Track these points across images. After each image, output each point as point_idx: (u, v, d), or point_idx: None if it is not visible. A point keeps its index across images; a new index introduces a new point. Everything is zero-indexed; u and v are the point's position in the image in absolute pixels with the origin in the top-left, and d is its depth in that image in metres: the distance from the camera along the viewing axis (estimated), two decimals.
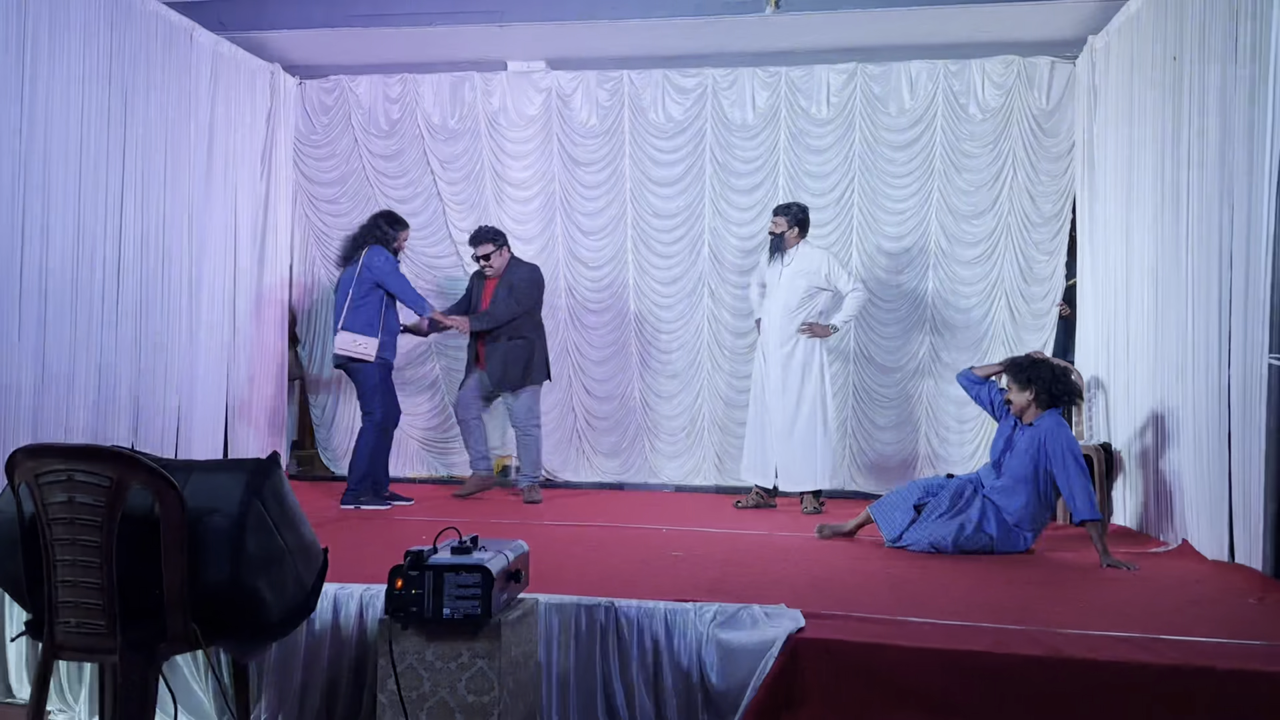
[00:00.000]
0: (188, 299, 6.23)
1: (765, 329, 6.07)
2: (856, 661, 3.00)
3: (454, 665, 2.75)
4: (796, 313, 5.95)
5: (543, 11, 6.72)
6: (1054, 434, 4.60)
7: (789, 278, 5.97)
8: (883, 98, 6.80)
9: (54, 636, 2.50)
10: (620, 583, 3.70)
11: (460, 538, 2.92)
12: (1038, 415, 4.71)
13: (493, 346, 6.16)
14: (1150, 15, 5.32)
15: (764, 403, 6.05)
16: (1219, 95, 4.44)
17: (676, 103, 7.02)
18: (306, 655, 3.34)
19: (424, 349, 7.27)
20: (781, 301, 5.97)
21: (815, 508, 5.89)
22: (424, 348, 7.26)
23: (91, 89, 5.37)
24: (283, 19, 6.91)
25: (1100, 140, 6.11)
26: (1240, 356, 4.22)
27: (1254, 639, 3.14)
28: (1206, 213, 4.55)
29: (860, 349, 6.86)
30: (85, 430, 5.29)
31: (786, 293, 5.96)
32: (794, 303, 5.95)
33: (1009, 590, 3.90)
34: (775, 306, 5.99)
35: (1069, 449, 4.55)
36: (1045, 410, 4.70)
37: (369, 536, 4.76)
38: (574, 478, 7.19)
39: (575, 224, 7.16)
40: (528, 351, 6.22)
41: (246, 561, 2.52)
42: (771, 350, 6.00)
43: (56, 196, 5.14)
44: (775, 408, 5.98)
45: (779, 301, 5.98)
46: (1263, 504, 4.05)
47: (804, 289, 5.95)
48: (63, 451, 2.47)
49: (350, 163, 7.34)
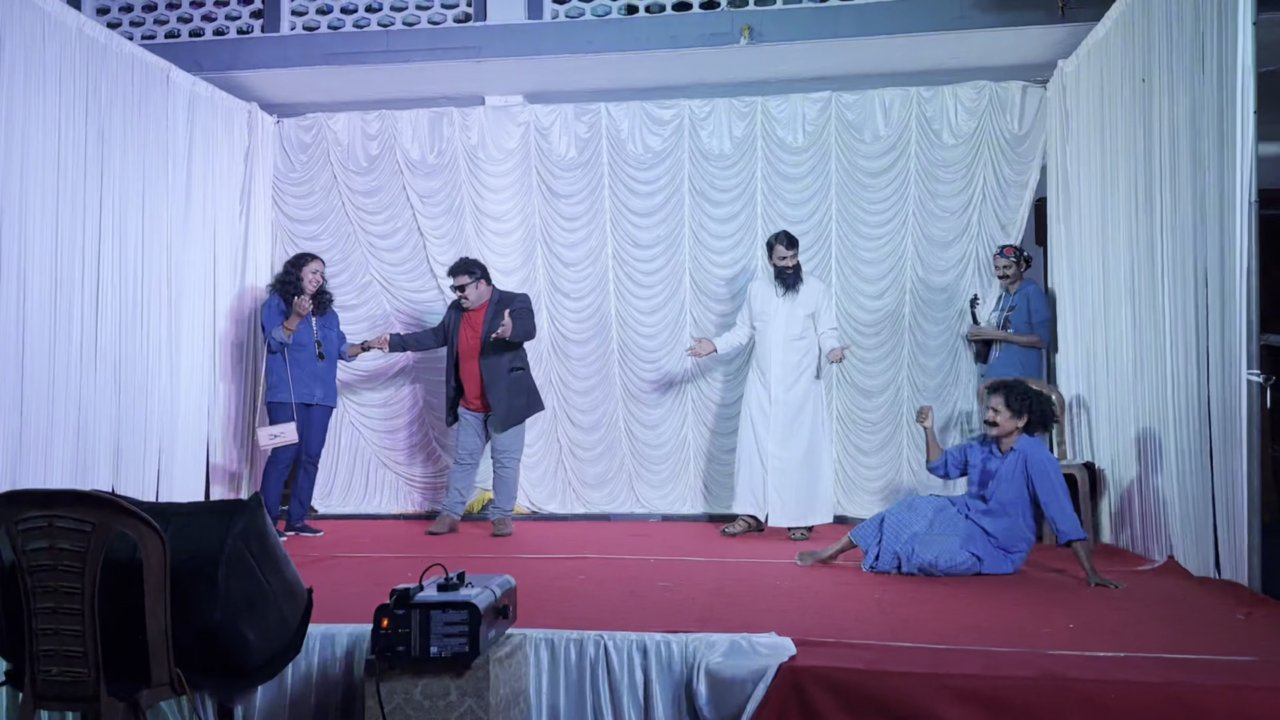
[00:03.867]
0: (167, 340, 6.19)
1: (766, 360, 6.00)
2: (848, 688, 2.99)
3: (442, 704, 2.72)
4: (797, 342, 5.98)
5: (520, 46, 6.78)
6: (1035, 455, 4.62)
7: (791, 308, 5.99)
8: (857, 125, 6.87)
9: (36, 685, 2.46)
10: (609, 615, 3.68)
11: (447, 574, 2.90)
12: (1016, 439, 4.73)
13: (494, 384, 6.06)
14: (1119, 39, 5.40)
15: (761, 433, 5.97)
16: (1189, 116, 4.51)
17: (654, 134, 7.07)
18: (293, 698, 3.30)
19: (408, 385, 7.25)
20: (785, 332, 5.97)
21: (804, 534, 5.89)
22: (408, 381, 7.24)
23: (68, 131, 5.36)
24: (259, 59, 6.95)
25: (1073, 162, 6.19)
26: (1219, 373, 4.26)
27: (1243, 655, 3.15)
28: (1181, 232, 4.60)
29: (842, 373, 6.88)
30: (65, 475, 5.22)
31: (789, 323, 5.98)
32: (796, 332, 5.98)
33: (998, 612, 3.90)
34: (778, 338, 5.97)
35: (1053, 469, 4.57)
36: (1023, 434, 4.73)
37: (354, 576, 4.72)
38: (560, 509, 7.16)
39: (556, 255, 7.17)
40: (528, 381, 6.25)
41: (230, 604, 2.49)
42: (774, 381, 5.96)
43: (33, 238, 5.11)
44: (777, 440, 5.94)
45: (782, 332, 5.97)
46: (1247, 519, 4.07)
47: (803, 318, 6.00)
48: (42, 498, 2.44)
49: (330, 199, 7.34)
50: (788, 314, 5.98)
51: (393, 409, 7.28)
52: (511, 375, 6.12)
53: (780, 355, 5.96)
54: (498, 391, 6.07)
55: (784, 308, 5.99)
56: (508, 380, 6.10)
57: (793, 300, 5.99)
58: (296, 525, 6.27)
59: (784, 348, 5.96)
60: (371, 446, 7.18)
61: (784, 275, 6.00)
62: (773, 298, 6.03)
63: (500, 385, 6.07)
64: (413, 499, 7.30)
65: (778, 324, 5.98)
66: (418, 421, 7.30)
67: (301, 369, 6.14)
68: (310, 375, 6.18)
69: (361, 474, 7.30)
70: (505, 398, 6.07)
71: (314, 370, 6.19)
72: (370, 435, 7.27)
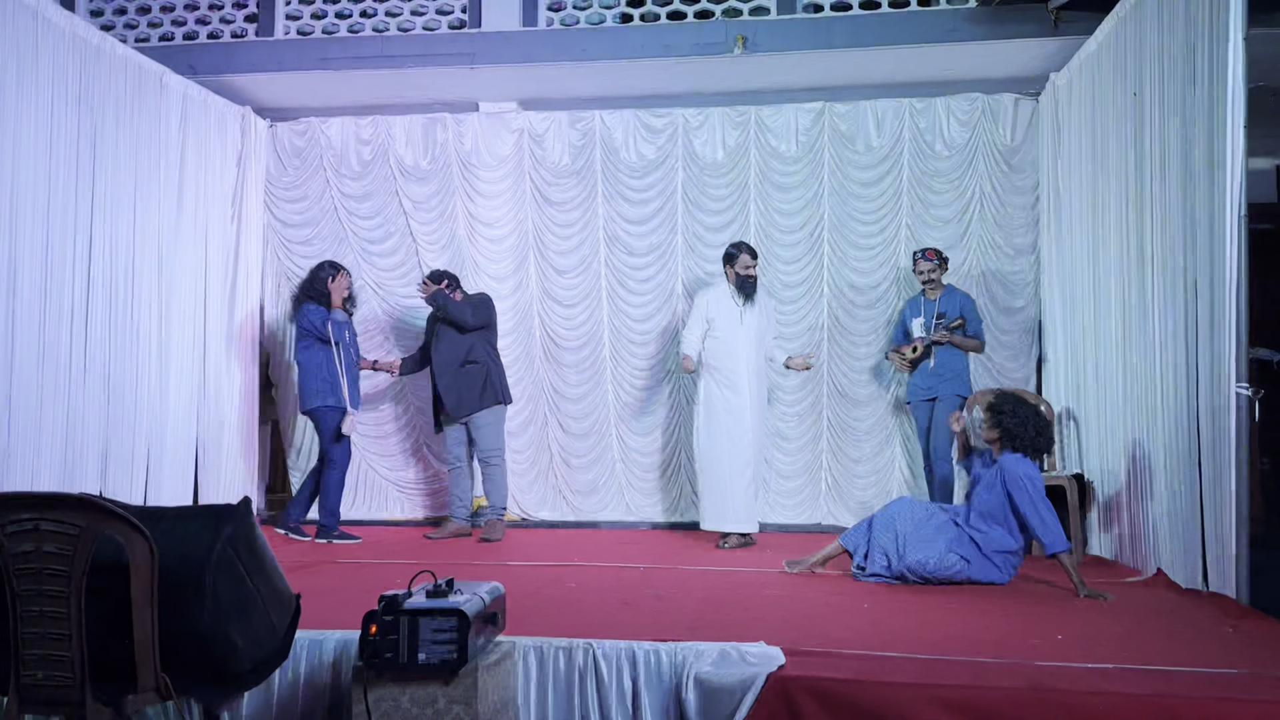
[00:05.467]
0: (157, 343, 6.17)
1: (735, 369, 5.97)
2: (837, 698, 2.98)
3: (430, 712, 2.71)
4: (760, 350, 6.08)
5: (514, 53, 6.79)
6: (1012, 470, 4.59)
7: (753, 317, 6.05)
8: (850, 136, 6.89)
9: (19, 690, 2.44)
10: (599, 623, 3.67)
11: (435, 581, 2.89)
12: (1001, 452, 4.73)
13: (443, 374, 6.22)
14: (1110, 52, 5.43)
15: (735, 444, 5.94)
16: (1180, 129, 4.53)
17: (648, 142, 7.08)
18: (280, 704, 3.28)
19: (398, 391, 7.24)
20: (751, 341, 6.02)
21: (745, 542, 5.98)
22: (398, 389, 7.23)
23: (60, 132, 5.34)
24: (253, 62, 6.94)
25: (1065, 174, 6.22)
26: (1209, 385, 4.27)
27: (1231, 668, 3.16)
28: (1171, 244, 4.62)
29: (833, 383, 6.90)
30: (53, 478, 5.20)
31: (756, 331, 6.05)
32: (760, 340, 6.08)
33: (987, 623, 3.90)
34: (746, 348, 6.01)
35: (1030, 483, 4.54)
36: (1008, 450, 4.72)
37: (342, 582, 4.70)
38: (550, 516, 7.14)
39: (549, 262, 7.18)
40: (482, 374, 6.26)
41: (218, 609, 2.48)
42: (746, 390, 5.98)
43: (23, 240, 5.09)
44: (750, 447, 5.97)
45: (749, 342, 6.02)
46: (1235, 532, 4.08)
47: (764, 326, 6.11)
48: (29, 500, 2.42)
49: (322, 204, 7.34)
50: (755, 323, 6.06)
51: (383, 414, 7.27)
52: (464, 369, 6.22)
53: (753, 364, 6.02)
54: (445, 380, 6.22)
55: (749, 317, 6.05)
56: (457, 372, 6.21)
57: (752, 309, 6.07)
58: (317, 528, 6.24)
59: (752, 356, 6.04)
60: (361, 452, 7.16)
61: (746, 285, 6.06)
62: (734, 307, 6.06)
63: (448, 375, 6.21)
64: (403, 505, 7.28)
65: (745, 333, 6.03)
66: (409, 427, 7.28)
67: (348, 370, 6.21)
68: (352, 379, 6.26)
69: (351, 479, 7.27)
70: (454, 387, 6.20)
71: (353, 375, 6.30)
72: (360, 440, 7.24)
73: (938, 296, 6.22)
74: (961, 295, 6.26)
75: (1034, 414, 4.73)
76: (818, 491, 6.91)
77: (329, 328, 6.12)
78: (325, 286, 6.23)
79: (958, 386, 6.08)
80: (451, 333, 6.24)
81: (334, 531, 6.14)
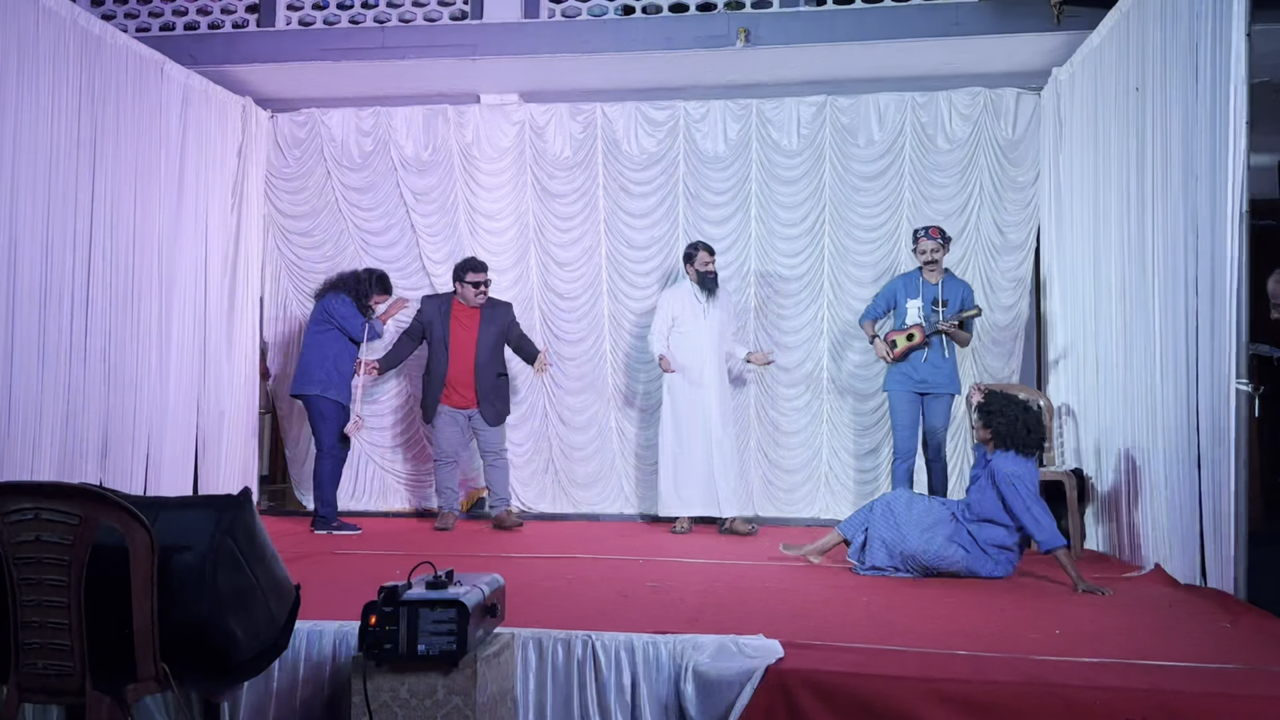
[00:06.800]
0: (157, 333, 6.17)
1: (699, 365, 6.16)
2: (835, 691, 2.99)
3: (429, 703, 2.71)
4: (722, 345, 6.25)
5: (515, 45, 6.78)
6: (1002, 469, 4.60)
7: (716, 312, 6.22)
8: (852, 129, 6.88)
9: (19, 679, 2.45)
10: (597, 615, 3.68)
11: (435, 572, 2.90)
12: (994, 451, 4.74)
13: (484, 387, 6.32)
14: (1113, 47, 5.42)
15: (700, 435, 6.13)
16: (1181, 125, 4.52)
17: (649, 135, 7.07)
18: (279, 694, 3.29)
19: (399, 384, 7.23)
20: (714, 336, 6.19)
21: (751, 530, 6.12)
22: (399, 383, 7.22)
23: (60, 122, 5.33)
24: (254, 53, 6.93)
25: (1066, 169, 6.21)
26: (1208, 381, 4.27)
27: (1229, 663, 3.17)
28: (1172, 240, 4.62)
29: (831, 378, 6.90)
30: (52, 468, 5.20)
31: (714, 325, 6.20)
32: (722, 335, 6.25)
33: (986, 617, 3.91)
34: (708, 342, 6.18)
35: (1020, 482, 4.54)
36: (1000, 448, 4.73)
37: (342, 572, 4.71)
38: (550, 509, 7.15)
39: (550, 255, 7.17)
40: (509, 385, 6.58)
41: (217, 599, 2.48)
42: (710, 383, 6.16)
43: (23, 229, 5.09)
44: (719, 438, 6.15)
45: (711, 336, 6.19)
46: (1233, 527, 4.08)
47: (725, 321, 6.27)
48: (29, 490, 2.42)
49: (323, 195, 7.33)
50: (718, 319, 6.23)
51: (380, 405, 7.25)
52: (498, 379, 6.42)
53: (718, 358, 6.21)
54: (484, 390, 6.32)
55: (711, 313, 6.21)
56: (495, 383, 6.40)
57: (714, 305, 6.23)
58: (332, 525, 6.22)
59: (717, 350, 6.21)
60: (361, 444, 7.16)
61: (707, 281, 6.21)
62: (697, 304, 6.23)
63: (487, 385, 6.34)
64: (401, 495, 7.28)
65: (709, 328, 6.19)
66: (406, 420, 7.28)
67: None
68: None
69: (349, 470, 7.27)
70: (492, 399, 6.36)
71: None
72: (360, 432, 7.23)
73: (939, 281, 5.99)
74: (963, 284, 6.08)
75: (1024, 411, 4.72)
76: (817, 485, 6.91)
77: (365, 331, 6.22)
78: (370, 298, 6.31)
79: (951, 385, 6.00)
80: (492, 338, 6.35)
81: (333, 522, 6.13)
